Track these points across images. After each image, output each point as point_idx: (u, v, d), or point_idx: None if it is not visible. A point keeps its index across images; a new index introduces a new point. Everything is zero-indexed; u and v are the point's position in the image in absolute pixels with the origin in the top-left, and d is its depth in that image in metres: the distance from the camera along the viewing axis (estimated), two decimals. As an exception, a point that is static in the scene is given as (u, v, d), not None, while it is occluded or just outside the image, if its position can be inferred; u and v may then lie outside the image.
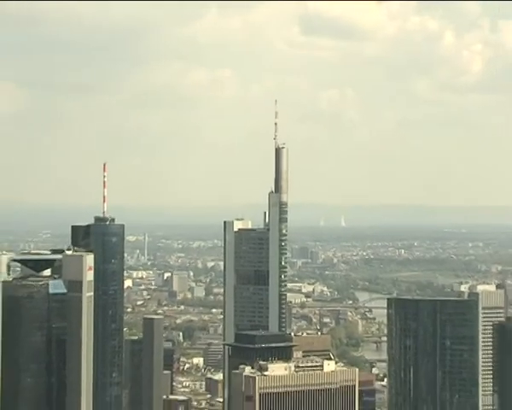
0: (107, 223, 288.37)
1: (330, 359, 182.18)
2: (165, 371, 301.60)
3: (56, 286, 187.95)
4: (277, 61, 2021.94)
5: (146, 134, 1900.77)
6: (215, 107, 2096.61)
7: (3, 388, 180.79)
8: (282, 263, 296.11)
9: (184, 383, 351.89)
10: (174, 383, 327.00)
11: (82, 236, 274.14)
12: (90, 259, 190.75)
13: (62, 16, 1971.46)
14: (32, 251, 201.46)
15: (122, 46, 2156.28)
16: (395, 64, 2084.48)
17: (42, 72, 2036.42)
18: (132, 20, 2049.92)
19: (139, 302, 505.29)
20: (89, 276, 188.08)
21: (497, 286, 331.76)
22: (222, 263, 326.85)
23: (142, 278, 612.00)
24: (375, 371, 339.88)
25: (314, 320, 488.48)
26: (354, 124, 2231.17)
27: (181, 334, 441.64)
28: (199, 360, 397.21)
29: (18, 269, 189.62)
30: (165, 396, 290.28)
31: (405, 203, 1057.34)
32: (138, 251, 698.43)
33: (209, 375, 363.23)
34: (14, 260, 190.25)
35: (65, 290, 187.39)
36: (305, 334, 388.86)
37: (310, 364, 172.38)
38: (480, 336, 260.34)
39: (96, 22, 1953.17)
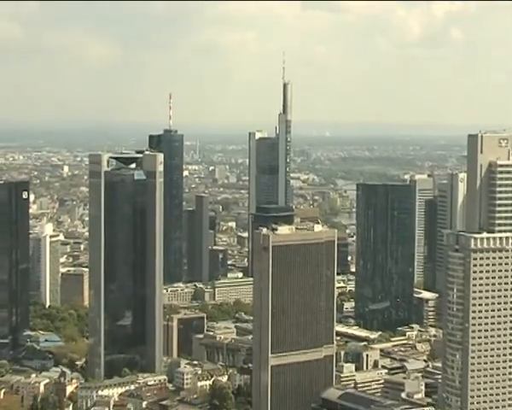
0: (172, 133, 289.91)
1: (318, 223, 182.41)
2: (210, 231, 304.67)
3: (139, 175, 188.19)
4: (285, 28, 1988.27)
5: (197, 73, 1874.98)
6: (242, 57, 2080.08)
7: (106, 240, 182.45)
8: (287, 160, 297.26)
9: (223, 239, 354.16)
10: (216, 239, 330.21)
11: (155, 141, 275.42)
12: (160, 157, 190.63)
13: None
14: (123, 151, 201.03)
15: (179, 16, 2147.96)
16: (365, 28, 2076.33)
17: (131, 34, 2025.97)
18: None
19: (193, 186, 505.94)
20: (160, 168, 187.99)
21: (428, 175, 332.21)
22: (247, 160, 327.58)
23: (195, 169, 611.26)
24: (347, 231, 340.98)
25: (308, 198, 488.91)
26: (336, 68, 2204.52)
27: (220, 207, 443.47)
28: (232, 224, 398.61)
29: (114, 163, 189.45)
30: (210, 247, 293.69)
31: (370, 121, 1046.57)
32: (192, 152, 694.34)
33: (239, 233, 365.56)
34: (111, 158, 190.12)
35: (144, 177, 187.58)
36: (302, 207, 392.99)
37: (305, 226, 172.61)
38: (417, 208, 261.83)
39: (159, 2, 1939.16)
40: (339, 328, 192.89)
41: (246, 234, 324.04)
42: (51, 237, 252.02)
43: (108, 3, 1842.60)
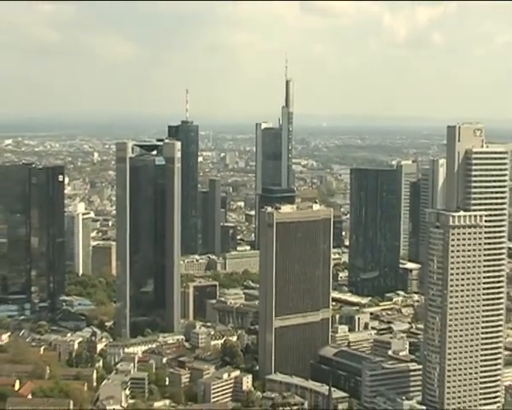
0: (189, 124, 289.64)
1: (316, 203, 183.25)
2: (222, 209, 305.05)
3: (159, 160, 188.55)
4: (287, 30, 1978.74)
5: (209, 71, 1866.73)
6: (249, 55, 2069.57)
7: (131, 218, 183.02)
8: (289, 148, 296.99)
9: (233, 216, 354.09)
10: (227, 216, 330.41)
11: (174, 131, 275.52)
12: (178, 145, 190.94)
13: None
14: (146, 139, 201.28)
15: (191, 18, 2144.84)
16: (358, 31, 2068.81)
17: (149, 34, 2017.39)
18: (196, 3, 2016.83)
19: (206, 170, 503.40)
20: (178, 154, 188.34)
21: (413, 161, 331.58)
22: (254, 147, 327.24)
23: (208, 156, 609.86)
24: (342, 210, 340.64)
25: (308, 181, 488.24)
26: (331, 66, 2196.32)
27: (231, 188, 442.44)
28: (241, 203, 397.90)
29: (137, 150, 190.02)
30: (221, 224, 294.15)
31: (362, 113, 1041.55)
32: (206, 140, 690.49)
33: (247, 212, 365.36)
34: (135, 145, 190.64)
35: (164, 163, 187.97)
36: (302, 189, 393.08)
37: (305, 206, 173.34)
38: (403, 190, 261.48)
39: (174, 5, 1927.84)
40: (334, 294, 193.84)
41: (253, 212, 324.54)
42: (83, 214, 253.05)
43: (130, 4, 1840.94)
